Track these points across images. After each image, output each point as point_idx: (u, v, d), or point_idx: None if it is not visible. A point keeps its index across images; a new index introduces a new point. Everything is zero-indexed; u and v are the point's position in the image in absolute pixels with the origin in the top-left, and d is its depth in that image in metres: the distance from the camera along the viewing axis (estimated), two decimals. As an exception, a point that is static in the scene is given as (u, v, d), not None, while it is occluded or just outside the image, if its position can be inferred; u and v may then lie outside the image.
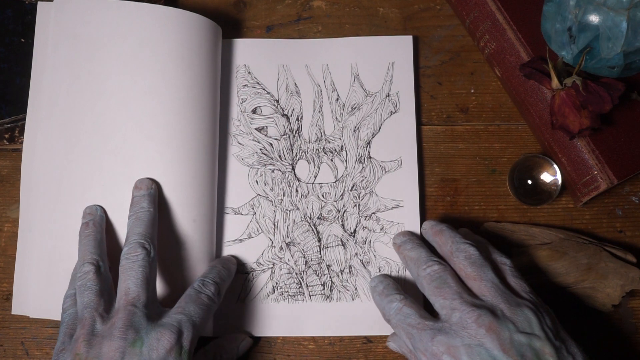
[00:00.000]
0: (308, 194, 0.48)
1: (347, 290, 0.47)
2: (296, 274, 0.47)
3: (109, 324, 0.38)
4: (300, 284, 0.47)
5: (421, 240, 0.45)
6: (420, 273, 0.42)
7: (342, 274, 0.47)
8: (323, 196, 0.48)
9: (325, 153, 0.49)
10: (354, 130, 0.50)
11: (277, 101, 0.50)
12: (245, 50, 0.51)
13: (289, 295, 0.47)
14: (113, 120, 0.45)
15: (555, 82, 0.43)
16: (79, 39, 0.45)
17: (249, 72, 0.50)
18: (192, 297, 0.41)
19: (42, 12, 0.47)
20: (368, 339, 0.47)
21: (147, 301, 0.39)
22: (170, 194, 0.44)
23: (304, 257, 0.48)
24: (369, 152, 0.49)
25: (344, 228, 0.48)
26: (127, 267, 0.40)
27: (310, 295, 0.47)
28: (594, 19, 0.41)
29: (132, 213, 0.43)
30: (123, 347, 0.36)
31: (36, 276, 0.45)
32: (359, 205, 0.48)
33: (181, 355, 0.37)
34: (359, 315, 0.46)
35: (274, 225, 0.48)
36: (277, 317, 0.46)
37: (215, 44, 0.48)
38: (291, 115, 0.50)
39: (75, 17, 0.45)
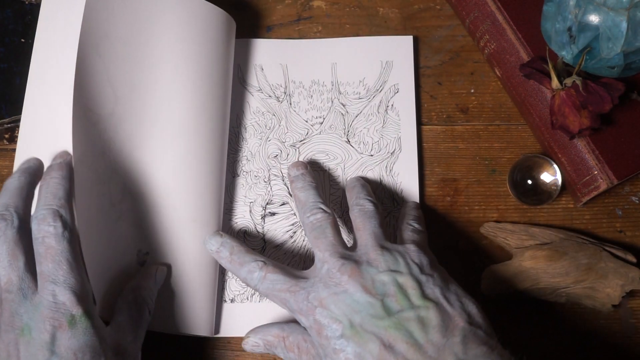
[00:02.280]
0: None
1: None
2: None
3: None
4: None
5: (314, 178, 0.46)
6: (304, 220, 0.42)
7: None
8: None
9: (326, 154, 0.49)
10: (354, 130, 0.50)
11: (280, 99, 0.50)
12: (245, 49, 0.51)
13: None
14: (125, 107, 0.44)
15: (555, 82, 0.43)
16: (104, 25, 0.43)
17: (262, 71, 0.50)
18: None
19: (46, 11, 0.46)
20: (368, 339, 0.47)
21: (19, 280, 0.36)
22: (174, 193, 0.44)
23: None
24: (370, 152, 0.49)
25: (346, 228, 0.48)
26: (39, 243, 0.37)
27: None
28: (594, 19, 0.41)
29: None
30: (15, 339, 0.34)
31: None
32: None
33: (76, 323, 0.35)
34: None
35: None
36: (277, 317, 0.46)
37: (229, 36, 0.48)
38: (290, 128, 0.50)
39: (99, 5, 0.44)
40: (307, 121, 0.50)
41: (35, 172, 0.41)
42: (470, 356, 0.35)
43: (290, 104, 0.50)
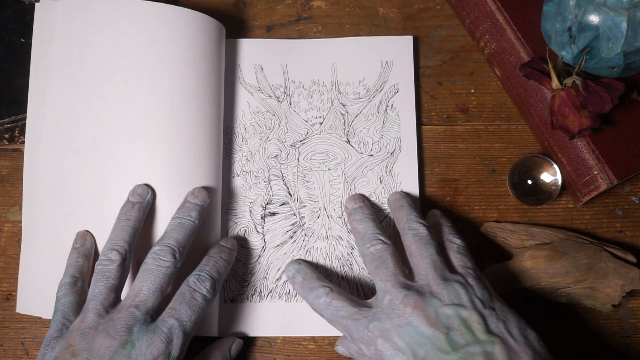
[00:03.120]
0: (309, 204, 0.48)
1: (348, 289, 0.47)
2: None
3: (107, 318, 0.38)
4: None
5: (371, 210, 0.46)
6: (364, 251, 0.43)
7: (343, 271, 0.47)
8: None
9: (326, 154, 0.49)
10: (354, 130, 0.50)
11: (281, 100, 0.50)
12: (245, 50, 0.51)
13: (286, 294, 0.47)
14: (117, 120, 0.44)
15: (555, 82, 0.43)
16: (83, 38, 0.45)
17: (262, 71, 0.51)
18: (186, 298, 0.40)
19: (42, 11, 0.47)
20: (368, 339, 0.47)
21: (151, 308, 0.39)
22: (173, 194, 0.44)
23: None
24: (370, 152, 0.49)
25: (346, 226, 0.48)
26: (149, 268, 0.40)
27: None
28: (594, 19, 0.41)
29: (177, 216, 0.43)
30: (114, 347, 0.37)
31: (41, 275, 0.45)
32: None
33: None
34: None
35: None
36: (277, 317, 0.46)
37: (219, 43, 0.48)
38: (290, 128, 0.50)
39: (79, 15, 0.45)
40: (307, 121, 0.50)
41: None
42: None
43: (290, 104, 0.50)
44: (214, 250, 0.44)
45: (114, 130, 0.44)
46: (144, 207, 0.43)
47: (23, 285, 0.46)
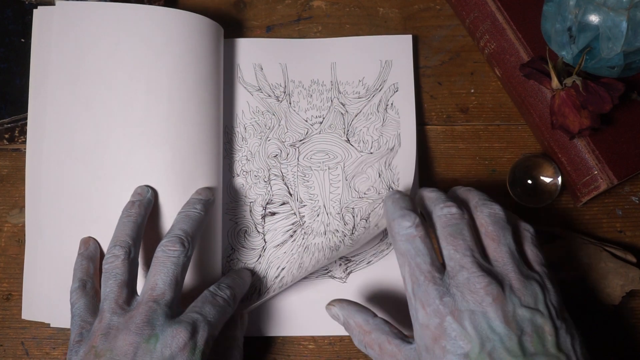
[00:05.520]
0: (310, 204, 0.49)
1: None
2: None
3: (127, 316, 0.38)
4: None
5: None
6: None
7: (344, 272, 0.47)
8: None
9: (326, 154, 0.49)
10: (354, 130, 0.50)
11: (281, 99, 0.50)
12: (245, 49, 0.51)
13: (286, 293, 0.47)
14: (117, 123, 0.45)
15: (555, 82, 0.43)
16: (81, 43, 0.45)
17: (261, 70, 0.51)
18: (208, 299, 0.41)
19: (40, 16, 0.47)
20: (368, 339, 0.47)
21: (171, 301, 0.39)
22: (175, 194, 0.44)
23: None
24: (370, 150, 0.49)
25: (343, 220, 0.48)
26: (160, 261, 0.40)
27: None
28: (594, 19, 0.41)
29: (183, 210, 0.43)
30: (137, 343, 0.37)
31: (47, 280, 0.45)
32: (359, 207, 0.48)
33: (194, 354, 0.37)
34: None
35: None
36: (277, 317, 0.46)
37: (217, 44, 0.48)
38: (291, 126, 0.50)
39: (76, 21, 0.45)
40: (306, 120, 0.50)
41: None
42: None
43: (290, 103, 0.50)
44: (230, 271, 0.46)
45: (114, 133, 0.44)
46: (144, 204, 0.43)
47: (28, 290, 0.45)
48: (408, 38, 0.51)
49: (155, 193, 0.44)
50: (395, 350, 0.38)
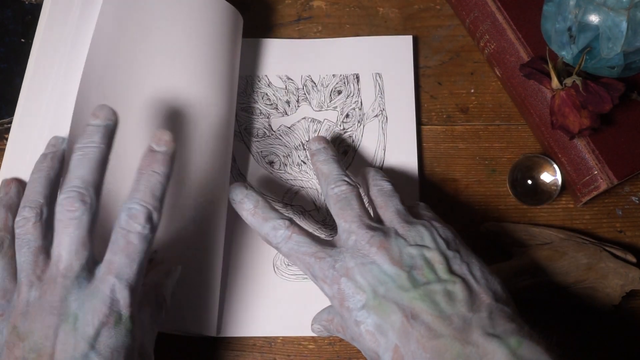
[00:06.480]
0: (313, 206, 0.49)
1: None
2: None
3: (41, 291, 0.34)
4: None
5: (336, 151, 0.45)
6: (329, 192, 0.41)
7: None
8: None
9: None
10: (354, 130, 0.50)
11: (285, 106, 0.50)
12: (245, 49, 0.51)
13: (286, 293, 0.47)
14: (134, 96, 0.43)
15: (555, 82, 0.43)
16: (122, 19, 0.43)
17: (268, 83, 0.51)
18: (120, 244, 0.35)
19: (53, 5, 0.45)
20: (368, 339, 0.47)
21: (81, 268, 0.35)
22: (179, 192, 0.44)
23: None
24: (370, 151, 0.49)
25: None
26: (61, 225, 0.35)
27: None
28: (594, 19, 0.41)
29: (79, 147, 0.36)
30: (56, 324, 0.33)
31: None
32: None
33: (121, 323, 0.34)
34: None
35: None
36: (277, 317, 0.46)
37: (236, 30, 0.48)
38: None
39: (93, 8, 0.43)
40: (306, 120, 0.50)
41: (110, 142, 0.37)
42: (499, 331, 0.34)
43: (289, 103, 0.50)
44: (145, 161, 0.37)
45: (126, 115, 0.42)
46: (58, 156, 0.39)
47: None
48: (408, 39, 0.51)
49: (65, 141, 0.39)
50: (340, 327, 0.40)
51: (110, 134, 0.37)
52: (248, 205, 0.41)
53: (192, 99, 0.45)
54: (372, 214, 0.41)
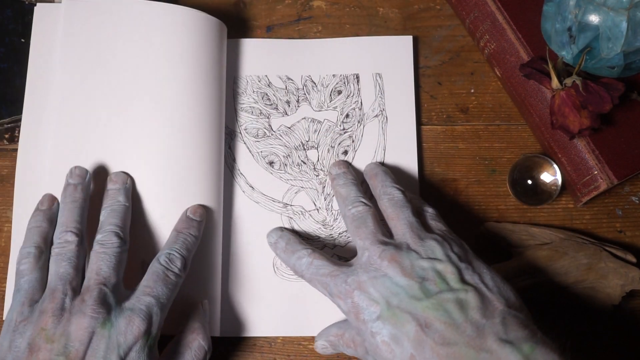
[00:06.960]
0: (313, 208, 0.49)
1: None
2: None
3: (78, 300, 0.37)
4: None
5: (355, 175, 0.46)
6: (346, 213, 0.43)
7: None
8: (325, 199, 0.49)
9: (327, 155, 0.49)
10: (354, 130, 0.50)
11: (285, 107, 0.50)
12: (244, 49, 0.51)
13: (286, 293, 0.47)
14: (119, 121, 0.44)
15: (555, 82, 0.43)
16: (87, 39, 0.45)
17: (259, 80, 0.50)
18: (160, 276, 0.39)
19: (42, 13, 0.47)
20: (368, 339, 0.47)
21: (116, 285, 0.38)
22: (173, 193, 0.44)
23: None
24: (370, 151, 0.49)
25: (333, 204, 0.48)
26: (100, 252, 0.39)
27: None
28: (594, 19, 0.41)
29: (107, 205, 0.42)
30: (93, 327, 0.36)
31: None
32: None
33: (148, 342, 0.37)
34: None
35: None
36: (277, 317, 0.46)
37: (220, 42, 0.48)
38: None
39: (78, 18, 0.45)
40: (306, 120, 0.50)
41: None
42: (512, 337, 0.35)
43: (290, 103, 0.50)
44: (182, 224, 0.43)
45: (115, 136, 0.44)
46: (85, 187, 0.42)
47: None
48: (408, 39, 0.51)
49: (92, 177, 0.43)
50: (362, 339, 0.40)
51: (128, 193, 0.43)
52: (281, 244, 0.44)
53: (181, 108, 0.45)
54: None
